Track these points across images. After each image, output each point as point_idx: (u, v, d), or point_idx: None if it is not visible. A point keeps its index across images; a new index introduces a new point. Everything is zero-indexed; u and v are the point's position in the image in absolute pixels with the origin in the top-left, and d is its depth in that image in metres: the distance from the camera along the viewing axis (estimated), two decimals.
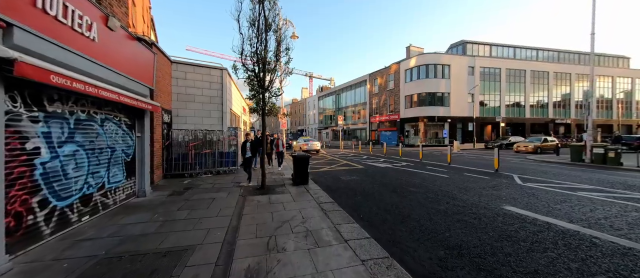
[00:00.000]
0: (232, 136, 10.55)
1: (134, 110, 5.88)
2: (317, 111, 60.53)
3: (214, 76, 10.39)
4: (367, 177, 9.43)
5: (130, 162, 5.96)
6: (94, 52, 4.31)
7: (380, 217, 4.93)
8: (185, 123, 9.78)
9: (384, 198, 6.34)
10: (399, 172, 10.53)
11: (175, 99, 9.60)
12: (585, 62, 38.72)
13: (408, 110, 32.77)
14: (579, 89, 36.75)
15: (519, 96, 34.35)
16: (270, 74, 7.09)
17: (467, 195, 6.45)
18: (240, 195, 6.59)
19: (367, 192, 6.95)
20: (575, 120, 36.50)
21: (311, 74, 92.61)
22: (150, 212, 5.04)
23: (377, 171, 10.77)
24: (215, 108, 10.39)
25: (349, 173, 10.20)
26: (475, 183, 7.82)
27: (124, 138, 5.69)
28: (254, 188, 7.28)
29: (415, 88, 31.90)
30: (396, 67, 34.70)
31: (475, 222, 4.57)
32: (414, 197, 6.39)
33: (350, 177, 9.49)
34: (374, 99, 39.71)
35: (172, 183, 7.92)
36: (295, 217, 4.79)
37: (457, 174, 9.66)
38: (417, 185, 7.78)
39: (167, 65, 8.98)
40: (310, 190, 6.98)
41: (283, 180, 8.63)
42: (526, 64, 34.48)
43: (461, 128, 32.11)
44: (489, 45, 34.68)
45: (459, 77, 31.47)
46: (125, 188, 5.71)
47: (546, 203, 5.66)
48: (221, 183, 8.04)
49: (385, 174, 9.94)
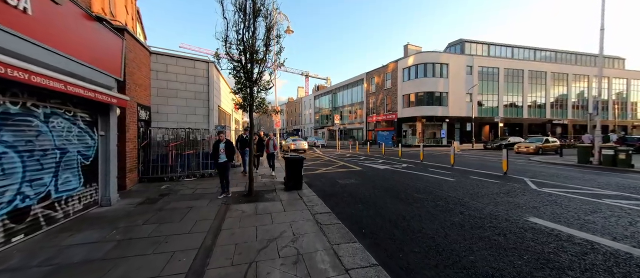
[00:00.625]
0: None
1: (96, 104, 4.97)
2: (313, 110, 59.67)
3: (199, 69, 9.47)
4: (366, 180, 8.64)
5: (91, 166, 5.04)
6: (26, 27, 3.41)
7: (387, 232, 4.13)
8: (166, 121, 8.85)
9: (387, 206, 5.54)
10: (400, 174, 9.76)
11: (155, 94, 8.67)
12: (581, 63, 38.66)
13: (405, 110, 32.16)
14: (577, 90, 36.64)
15: (517, 96, 34.02)
16: (259, 65, 6.23)
17: (481, 202, 5.70)
18: (223, 203, 5.73)
19: (368, 199, 6.15)
20: (572, 120, 36.37)
21: (307, 73, 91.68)
22: (108, 227, 4.15)
23: (376, 174, 9.98)
24: (201, 104, 9.47)
25: (347, 176, 9.40)
26: (486, 189, 7.08)
27: (80, 137, 4.78)
28: (240, 195, 6.41)
29: (413, 87, 31.29)
30: (394, 66, 34.05)
31: (500, 239, 3.79)
32: (421, 204, 5.61)
33: (348, 180, 8.68)
34: (371, 98, 39.03)
35: (148, 189, 7.00)
36: (285, 233, 3.96)
37: (464, 177, 8.93)
38: (423, 190, 7.01)
39: (144, 56, 8.05)
40: (304, 197, 6.14)
41: (274, 184, 7.77)
42: (524, 64, 34.17)
43: (459, 128, 31.61)
44: (487, 45, 34.28)
45: (458, 77, 30.96)
46: (82, 196, 4.79)
47: (574, 213, 4.93)
48: (204, 188, 7.15)
49: (386, 177, 9.16)
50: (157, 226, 4.24)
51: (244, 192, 6.61)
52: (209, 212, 5.05)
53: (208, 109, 9.58)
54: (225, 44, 6.01)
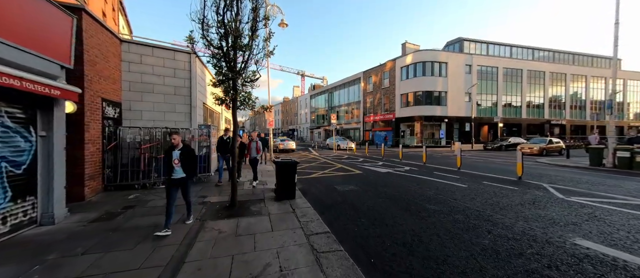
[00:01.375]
0: (204, 136, 8.60)
1: (33, 97, 3.90)
2: (309, 110, 58.62)
3: (180, 61, 8.39)
4: (368, 186, 7.68)
5: (25, 175, 3.97)
6: None
7: (402, 263, 3.17)
8: (140, 119, 7.76)
9: (397, 221, 4.59)
10: (405, 179, 8.84)
11: (126, 88, 7.57)
12: (579, 63, 38.41)
13: (404, 110, 31.37)
14: (575, 90, 36.36)
15: (516, 96, 33.53)
16: (244, 52, 5.22)
17: (508, 217, 4.79)
18: (198, 219, 4.70)
19: (373, 211, 5.19)
20: (569, 120, 36.07)
21: (303, 73, 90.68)
22: (32, 259, 3.10)
23: (378, 178, 9.04)
24: (182, 101, 8.39)
25: (346, 181, 8.43)
26: (506, 198, 6.19)
27: (6, 139, 3.71)
28: (221, 207, 5.40)
29: (411, 86, 30.51)
30: (391, 65, 33.25)
31: (555, 275, 2.86)
32: (437, 219, 4.67)
33: (347, 186, 7.72)
34: (368, 98, 38.17)
35: (112, 199, 5.92)
36: (270, 267, 2.97)
37: (476, 183, 8.04)
38: (434, 199, 6.08)
39: (112, 43, 6.95)
40: (297, 209, 5.16)
41: (263, 192, 6.77)
42: (523, 64, 33.70)
43: (458, 128, 30.95)
44: (486, 44, 33.73)
45: (456, 76, 30.29)
46: (9, 215, 3.73)
47: (627, 233, 4.05)
48: (180, 197, 6.10)
49: (390, 183, 8.22)
50: (100, 257, 3.21)
51: (226, 203, 5.60)
52: (177, 232, 4.03)
53: (190, 106, 8.51)
54: (202, 27, 5.00)
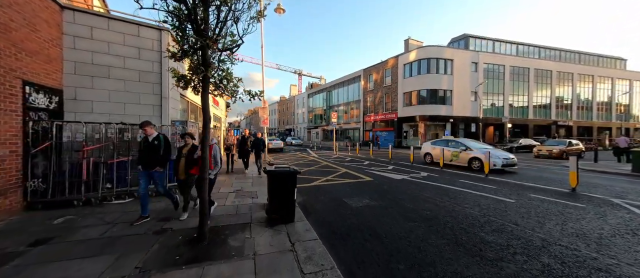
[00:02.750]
0: (178, 135, 6.78)
1: None
2: (306, 109, 56.83)
3: (146, 39, 6.56)
4: (387, 200, 5.95)
5: None
6: None
7: None
8: (90, 112, 5.91)
9: (455, 269, 2.87)
10: (429, 189, 7.13)
11: (70, 71, 5.72)
12: (585, 62, 37.29)
13: (406, 109, 29.79)
14: (581, 90, 35.20)
15: (523, 96, 32.21)
16: (218, 6, 3.46)
17: (623, 260, 3.10)
18: (139, 268, 2.91)
19: (411, 247, 3.46)
20: (576, 122, 34.90)
21: (301, 72, 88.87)
22: None
23: (396, 188, 7.32)
24: (149, 90, 6.56)
25: (357, 192, 6.70)
26: (586, 221, 4.52)
27: None
28: (184, 239, 3.61)
29: (415, 84, 28.94)
30: (394, 62, 31.67)
31: None
32: (516, 265, 2.96)
33: (360, 199, 5.98)
34: (368, 96, 36.53)
35: (29, 224, 4.09)
36: None
37: (522, 196, 6.37)
38: (486, 224, 4.38)
39: (46, 7, 5.11)
40: (297, 245, 3.41)
41: (251, 210, 4.99)
42: (530, 62, 32.40)
43: (463, 129, 29.46)
44: (492, 41, 32.35)
45: (462, 74, 28.81)
46: None
47: None
48: (130, 220, 4.28)
49: (413, 195, 6.50)
50: None
51: (195, 232, 3.81)
52: None
53: (160, 96, 6.68)
54: None
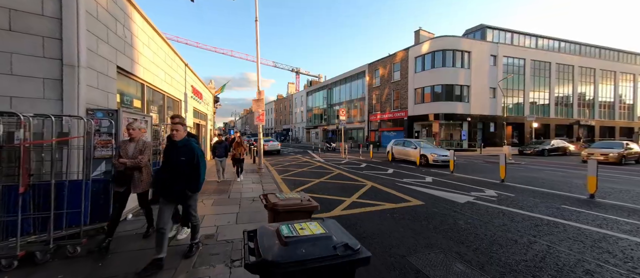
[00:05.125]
0: (103, 136, 3.73)
1: None
2: (305, 108, 53.72)
3: None
4: (489, 260, 2.92)
5: None
6: None
7: None
8: None
9: None
10: (533, 227, 4.13)
11: None
12: (605, 58, 34.74)
13: (418, 106, 26.89)
14: (604, 87, 32.67)
15: (544, 93, 29.55)
16: None
17: None
18: None
19: None
20: (598, 121, 32.38)
21: (298, 70, 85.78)
22: None
23: (476, 222, 4.31)
24: (37, 51, 3.48)
25: (422, 237, 3.68)
26: None
27: None
28: None
29: (428, 79, 26.05)
30: (403, 55, 28.78)
31: None
32: None
33: (445, 262, 2.95)
34: (374, 94, 33.58)
35: None
36: None
37: None
38: None
39: None
40: None
41: None
42: (551, 56, 29.74)
43: (481, 129, 26.66)
44: (511, 33, 29.60)
45: (480, 67, 26.01)
46: None
47: None
48: None
49: (521, 243, 3.48)
50: None
51: None
52: None
53: (61, 63, 3.58)
54: None
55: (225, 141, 8.92)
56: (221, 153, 8.28)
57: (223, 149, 8.37)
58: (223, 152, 8.34)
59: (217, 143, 8.48)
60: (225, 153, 8.40)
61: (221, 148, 8.35)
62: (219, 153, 8.26)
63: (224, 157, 8.34)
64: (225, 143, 8.60)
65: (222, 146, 8.41)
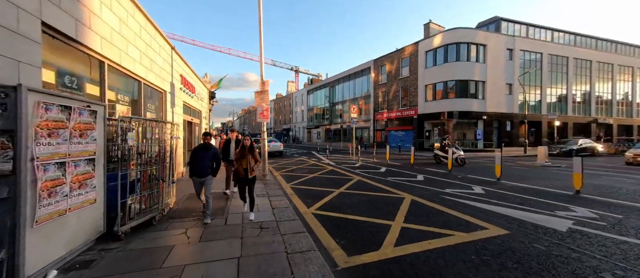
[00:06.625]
0: (54, 123, 1.88)
1: None
2: (305, 107, 51.88)
3: None
4: None
5: None
6: None
7: None
8: None
9: None
10: None
11: None
12: (622, 53, 33.17)
13: (429, 104, 25.15)
14: (622, 83, 31.10)
15: (561, 89, 27.92)
16: None
17: None
18: None
19: None
20: (616, 120, 30.81)
21: (297, 69, 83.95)
22: None
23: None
24: None
25: None
26: None
27: None
28: None
29: (440, 74, 24.29)
30: (412, 49, 27.02)
31: None
32: None
33: None
34: (380, 91, 31.81)
35: None
36: None
37: None
38: None
39: None
40: None
41: None
42: (569, 50, 28.11)
43: (497, 128, 24.97)
44: (526, 26, 27.96)
45: (497, 62, 24.32)
46: None
47: None
48: None
49: None
50: None
51: None
52: None
53: None
54: None
55: (211, 145, 4.67)
56: (202, 168, 4.34)
57: (206, 160, 4.38)
58: (206, 166, 4.37)
59: (198, 150, 4.50)
60: (211, 167, 4.45)
61: (203, 159, 4.37)
62: (197, 169, 4.34)
63: (207, 175, 4.38)
64: (213, 150, 4.55)
65: (207, 155, 4.42)
